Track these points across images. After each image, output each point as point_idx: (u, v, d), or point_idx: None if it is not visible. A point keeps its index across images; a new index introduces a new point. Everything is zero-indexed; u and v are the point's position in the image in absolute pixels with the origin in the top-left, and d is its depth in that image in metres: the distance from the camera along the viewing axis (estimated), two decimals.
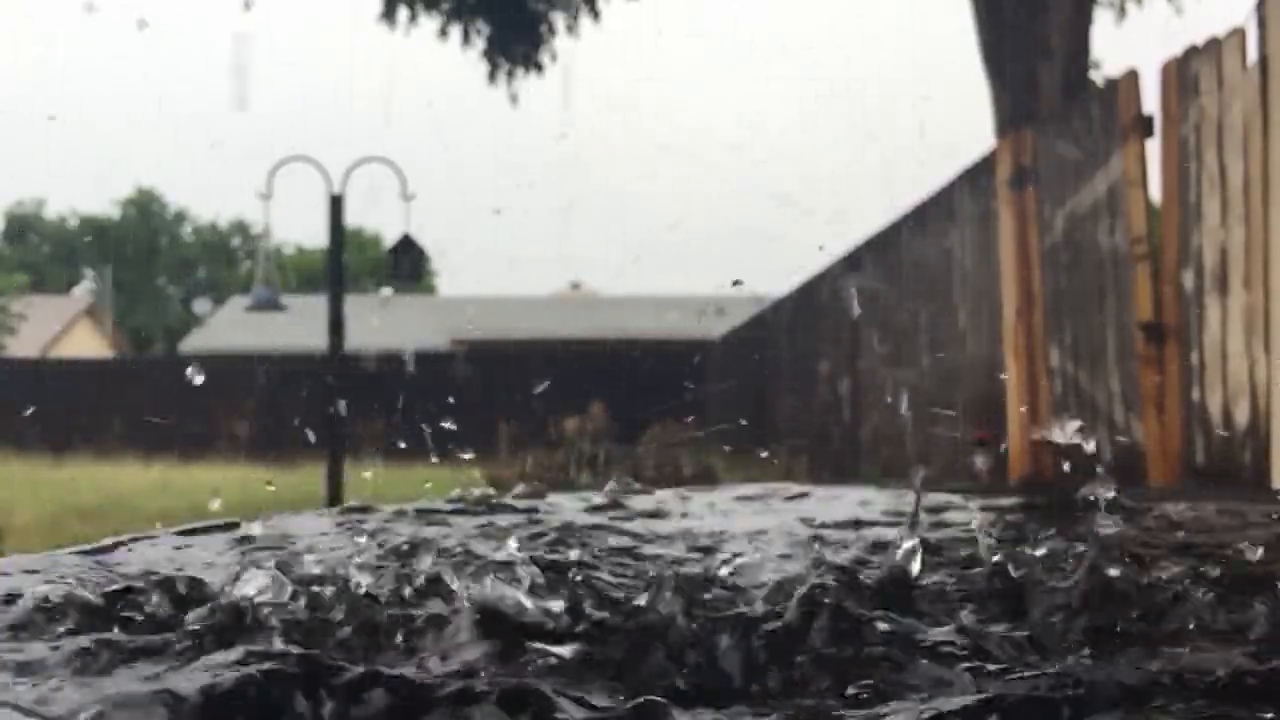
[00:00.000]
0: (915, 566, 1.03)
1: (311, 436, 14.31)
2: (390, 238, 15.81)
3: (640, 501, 1.68)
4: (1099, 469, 1.18)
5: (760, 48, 77.31)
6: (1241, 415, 4.46)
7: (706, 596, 0.97)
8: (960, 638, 0.84)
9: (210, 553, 1.24)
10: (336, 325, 12.43)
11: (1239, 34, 4.52)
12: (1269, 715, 0.68)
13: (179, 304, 50.20)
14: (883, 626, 0.84)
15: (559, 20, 12.38)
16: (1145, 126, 5.18)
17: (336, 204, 12.85)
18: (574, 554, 1.15)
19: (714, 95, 68.72)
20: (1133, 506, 1.47)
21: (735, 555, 1.19)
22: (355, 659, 0.75)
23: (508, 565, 0.96)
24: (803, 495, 1.76)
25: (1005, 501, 1.79)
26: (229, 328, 29.36)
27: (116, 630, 0.87)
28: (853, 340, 10.48)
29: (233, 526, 1.38)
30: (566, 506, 1.61)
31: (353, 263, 29.60)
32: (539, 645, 0.80)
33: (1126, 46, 9.41)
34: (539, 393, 15.44)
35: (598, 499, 1.70)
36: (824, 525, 1.47)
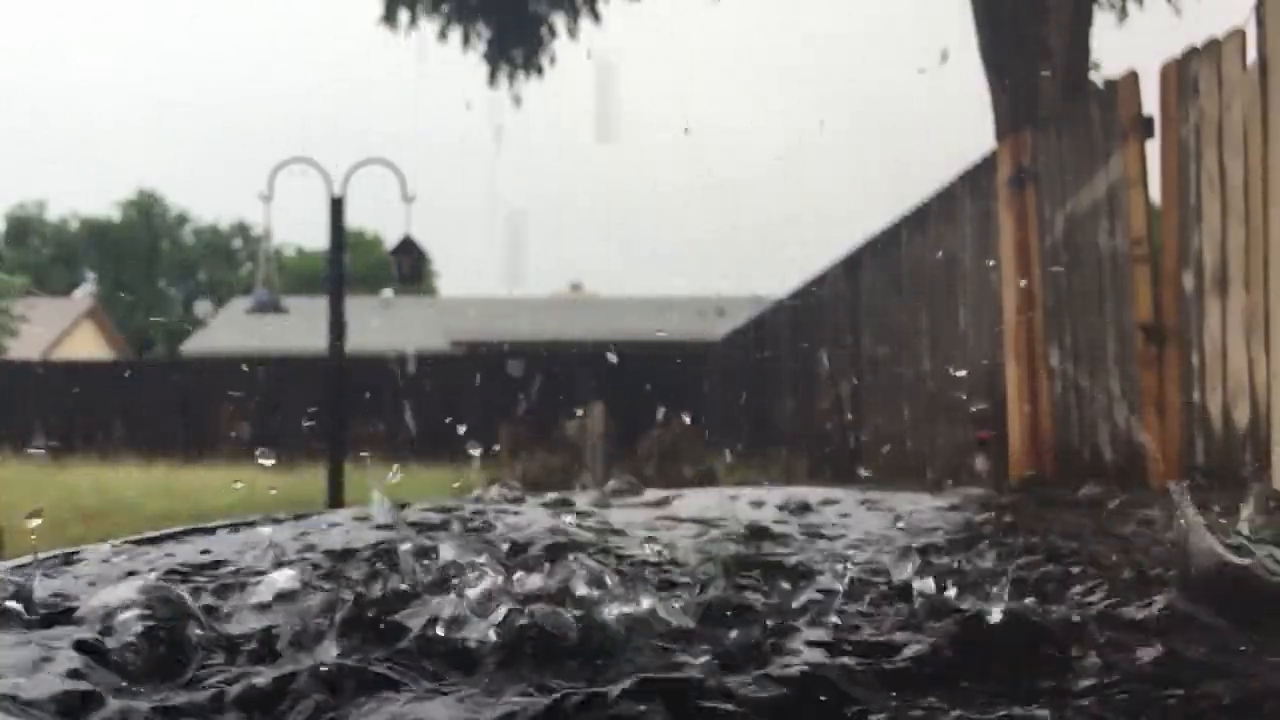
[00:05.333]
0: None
1: (313, 438, 14.31)
2: (391, 239, 15.81)
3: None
4: None
5: (761, 48, 77.27)
6: (1241, 416, 4.46)
7: None
8: None
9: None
10: (337, 327, 12.44)
11: (1238, 35, 4.52)
12: None
13: (180, 306, 50.24)
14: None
15: (559, 23, 12.39)
16: (1145, 127, 5.18)
17: (337, 206, 12.85)
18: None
19: (716, 96, 68.67)
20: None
21: None
22: None
23: None
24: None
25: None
26: (230, 329, 29.38)
27: None
28: (854, 341, 10.49)
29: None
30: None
31: (353, 264, 29.58)
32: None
33: (1126, 48, 9.40)
34: (534, 394, 15.44)
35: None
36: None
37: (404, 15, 12.20)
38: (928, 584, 0.97)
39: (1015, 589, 0.93)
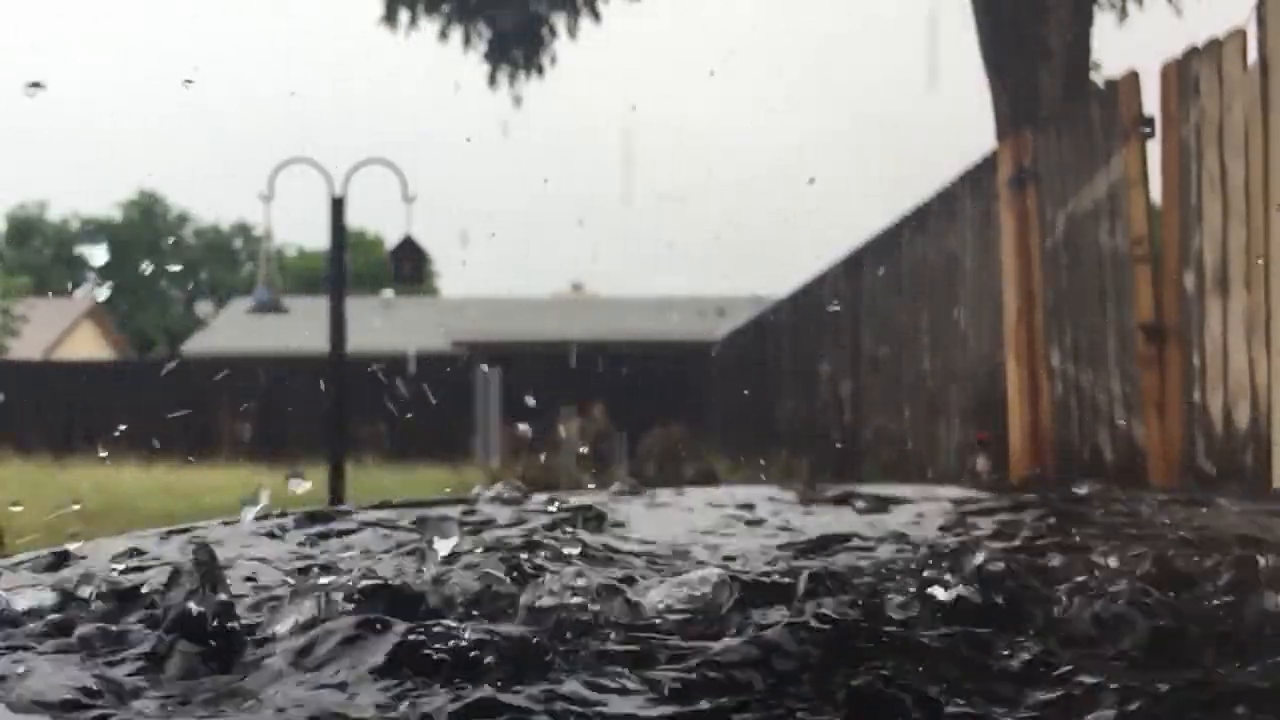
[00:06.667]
0: None
1: (314, 438, 14.32)
2: (391, 239, 15.81)
3: None
4: None
5: (761, 49, 77.26)
6: (1242, 416, 4.46)
7: None
8: None
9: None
10: (338, 327, 12.43)
11: (1239, 35, 4.52)
12: None
13: (181, 306, 50.25)
14: None
15: (559, 23, 12.39)
16: (1146, 127, 5.18)
17: (338, 206, 12.85)
18: None
19: (716, 96, 68.71)
20: None
21: None
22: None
23: None
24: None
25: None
26: (231, 329, 29.39)
27: None
28: (854, 341, 10.48)
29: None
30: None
31: (354, 264, 29.59)
32: None
33: (1127, 47, 9.40)
34: (534, 395, 15.46)
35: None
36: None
37: (404, 15, 12.21)
38: None
39: None
